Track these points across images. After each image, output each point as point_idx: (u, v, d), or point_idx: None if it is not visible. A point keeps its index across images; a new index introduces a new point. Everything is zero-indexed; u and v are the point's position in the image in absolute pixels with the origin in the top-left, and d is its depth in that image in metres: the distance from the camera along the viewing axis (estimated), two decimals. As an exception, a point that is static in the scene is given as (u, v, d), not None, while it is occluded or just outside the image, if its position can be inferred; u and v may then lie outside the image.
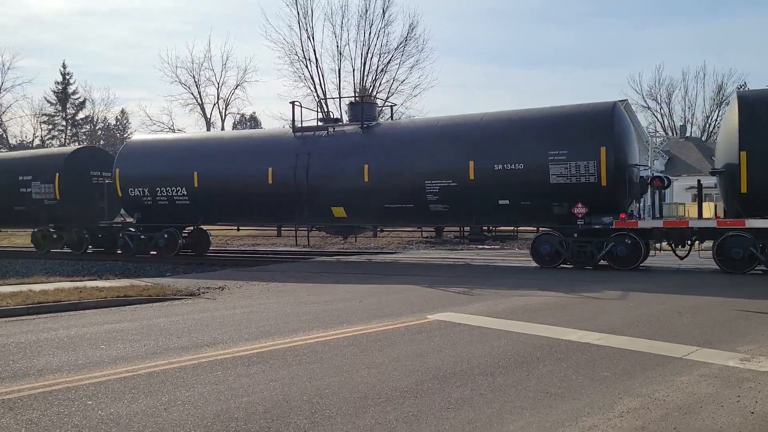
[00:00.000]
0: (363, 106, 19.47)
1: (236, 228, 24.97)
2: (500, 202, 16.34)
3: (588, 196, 15.32)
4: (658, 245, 16.03)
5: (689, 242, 15.46)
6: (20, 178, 23.37)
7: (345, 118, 20.96)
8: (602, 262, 15.65)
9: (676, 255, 15.66)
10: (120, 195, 21.31)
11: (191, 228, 22.04)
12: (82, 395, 5.21)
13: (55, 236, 23.35)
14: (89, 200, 22.37)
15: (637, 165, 16.33)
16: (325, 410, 4.83)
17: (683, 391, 5.25)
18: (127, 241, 21.40)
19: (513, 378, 5.69)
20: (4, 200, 23.76)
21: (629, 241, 15.19)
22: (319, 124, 20.07)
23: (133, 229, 21.58)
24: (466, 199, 16.66)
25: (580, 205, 15.30)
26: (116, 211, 23.75)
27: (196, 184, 20.15)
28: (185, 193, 20.40)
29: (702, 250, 15.77)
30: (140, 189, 20.96)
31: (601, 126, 15.58)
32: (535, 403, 4.97)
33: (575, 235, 15.67)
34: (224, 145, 21.13)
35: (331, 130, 19.20)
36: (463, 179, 16.53)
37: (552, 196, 15.67)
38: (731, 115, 14.94)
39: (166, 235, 20.70)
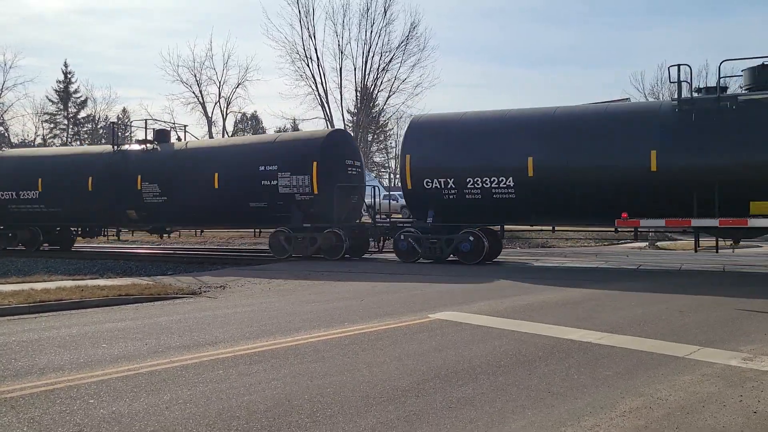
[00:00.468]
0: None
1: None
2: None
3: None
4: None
5: None
6: (261, 168, 19.49)
7: (347, 117, 21.15)
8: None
9: None
10: (409, 187, 17.62)
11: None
12: (84, 394, 5.21)
13: (299, 237, 19.12)
14: (345, 194, 19.23)
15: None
16: (327, 409, 4.82)
17: (685, 390, 5.25)
18: (411, 244, 17.41)
19: (514, 377, 5.68)
20: (239, 196, 19.88)
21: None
22: None
23: (413, 230, 17.66)
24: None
25: None
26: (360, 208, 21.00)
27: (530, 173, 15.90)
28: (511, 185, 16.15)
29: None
30: (441, 180, 16.90)
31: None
32: (536, 403, 4.96)
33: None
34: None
35: None
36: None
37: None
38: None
39: (471, 238, 16.78)
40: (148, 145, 22.62)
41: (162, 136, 23.20)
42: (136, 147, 23.06)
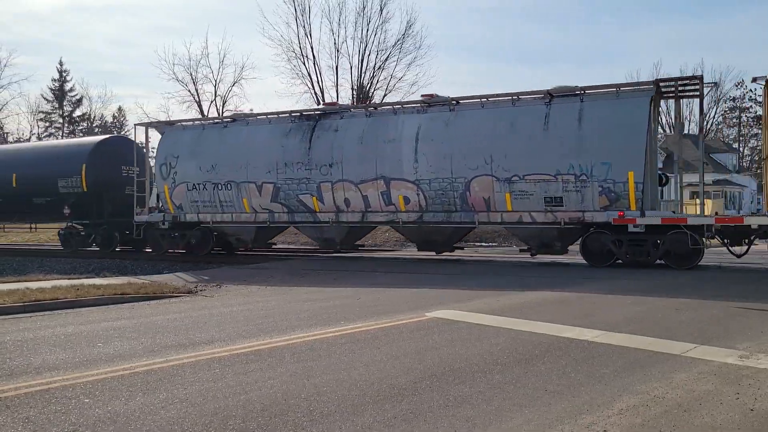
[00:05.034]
0: None
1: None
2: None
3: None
4: None
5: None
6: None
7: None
8: None
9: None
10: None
11: None
12: (80, 393, 5.18)
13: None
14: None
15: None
16: (324, 408, 4.81)
17: (682, 388, 5.25)
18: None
19: (512, 375, 5.68)
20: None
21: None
22: None
23: None
24: None
25: None
26: None
27: None
28: None
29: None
30: None
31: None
32: (533, 401, 4.96)
33: None
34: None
35: None
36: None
37: None
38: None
39: None
40: None
41: None
42: None
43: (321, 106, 18.23)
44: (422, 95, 17.91)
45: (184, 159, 19.90)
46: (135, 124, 23.96)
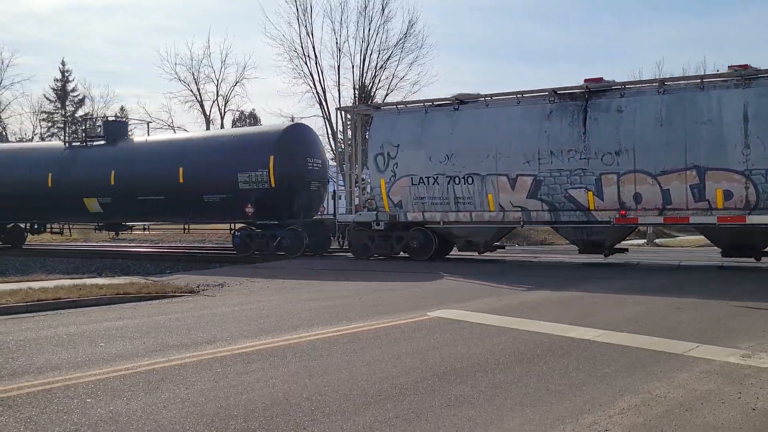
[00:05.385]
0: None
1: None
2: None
3: None
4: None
5: None
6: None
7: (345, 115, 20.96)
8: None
9: None
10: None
11: None
12: (82, 393, 5.19)
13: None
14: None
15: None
16: (325, 407, 4.81)
17: (684, 387, 5.24)
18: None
19: (513, 375, 5.68)
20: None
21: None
22: None
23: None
24: None
25: None
26: None
27: None
28: None
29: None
30: None
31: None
32: (535, 400, 4.95)
33: None
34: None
35: None
36: None
37: None
38: None
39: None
40: None
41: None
42: None
43: (585, 83, 15.50)
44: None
45: (407, 148, 17.35)
46: (337, 108, 21.42)
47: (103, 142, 23.12)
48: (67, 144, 24.42)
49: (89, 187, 21.91)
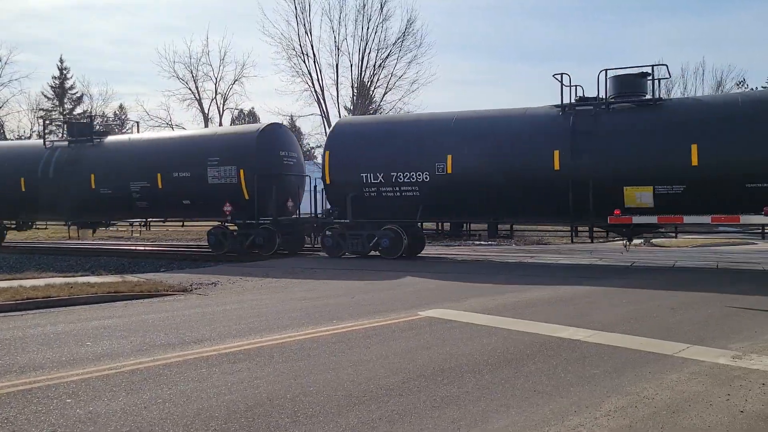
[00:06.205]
0: None
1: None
2: None
3: None
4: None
5: None
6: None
7: (344, 114, 20.92)
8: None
9: None
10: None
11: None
12: (62, 393, 5.13)
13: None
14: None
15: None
16: (309, 409, 4.75)
17: (672, 389, 5.18)
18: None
19: (501, 376, 5.62)
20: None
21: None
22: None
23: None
24: None
25: None
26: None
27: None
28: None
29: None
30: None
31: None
32: (521, 402, 4.89)
33: None
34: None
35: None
36: None
37: None
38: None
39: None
40: None
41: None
42: None
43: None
44: None
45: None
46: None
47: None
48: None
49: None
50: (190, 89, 47.62)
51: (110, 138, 23.41)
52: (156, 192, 20.66)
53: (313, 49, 39.58)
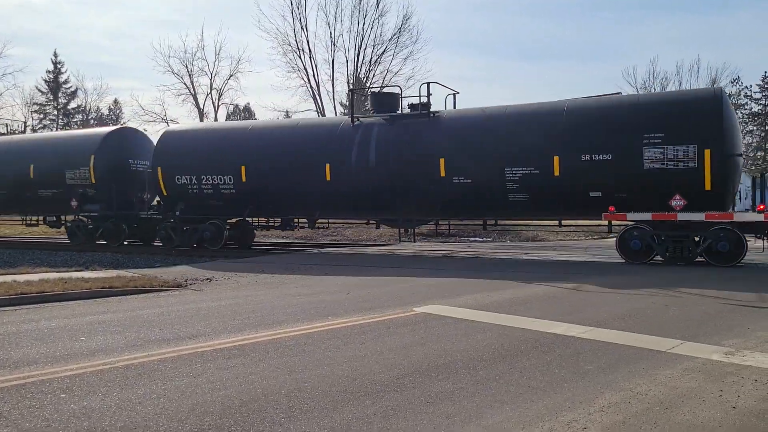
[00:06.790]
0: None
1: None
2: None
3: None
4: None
5: None
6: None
7: (339, 110, 20.97)
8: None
9: None
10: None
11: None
12: (56, 388, 5.12)
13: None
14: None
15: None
16: (303, 404, 4.76)
17: (666, 385, 5.21)
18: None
19: (495, 371, 5.63)
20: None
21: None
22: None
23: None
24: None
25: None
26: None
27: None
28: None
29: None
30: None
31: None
32: (515, 398, 4.91)
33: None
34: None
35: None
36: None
37: None
38: None
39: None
40: None
41: None
42: None
43: None
44: None
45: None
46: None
47: None
48: None
49: None
50: (185, 84, 47.60)
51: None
52: None
53: (308, 44, 39.58)
